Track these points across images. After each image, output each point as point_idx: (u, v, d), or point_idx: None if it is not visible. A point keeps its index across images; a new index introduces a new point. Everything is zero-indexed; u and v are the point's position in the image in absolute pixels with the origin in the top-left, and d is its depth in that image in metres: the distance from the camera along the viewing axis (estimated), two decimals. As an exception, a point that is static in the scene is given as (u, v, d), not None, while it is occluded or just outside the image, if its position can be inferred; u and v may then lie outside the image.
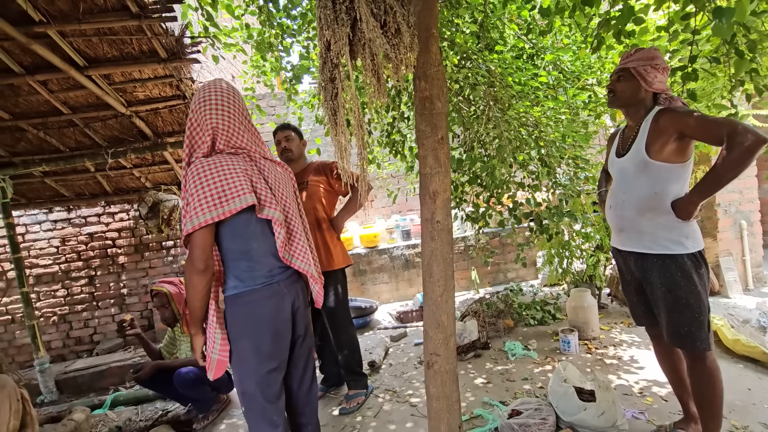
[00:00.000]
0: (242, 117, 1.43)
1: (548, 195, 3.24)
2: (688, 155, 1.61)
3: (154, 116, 3.16)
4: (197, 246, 1.31)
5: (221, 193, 1.31)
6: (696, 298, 1.59)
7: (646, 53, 1.66)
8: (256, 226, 1.39)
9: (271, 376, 1.44)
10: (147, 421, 2.70)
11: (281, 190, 1.47)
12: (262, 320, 1.40)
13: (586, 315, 3.14)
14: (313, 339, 1.65)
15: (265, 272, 1.42)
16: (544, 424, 1.96)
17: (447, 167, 1.48)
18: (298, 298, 1.50)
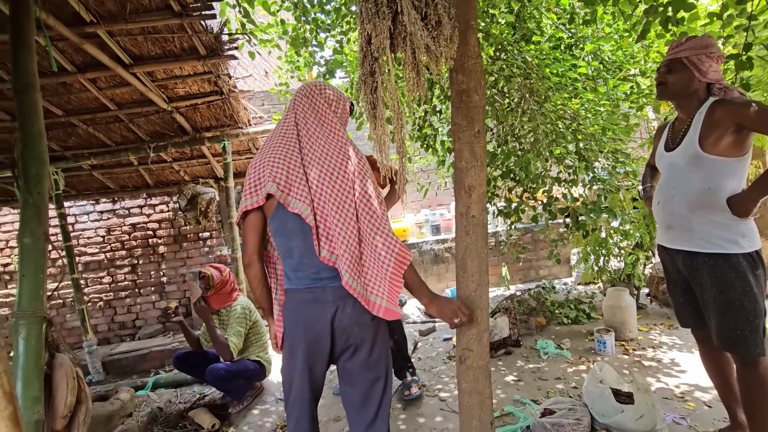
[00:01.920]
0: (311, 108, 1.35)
1: (585, 190, 3.14)
2: (746, 149, 1.52)
3: (193, 112, 3.27)
4: (243, 237, 1.32)
5: (257, 182, 1.27)
6: (751, 300, 1.51)
7: (699, 41, 1.57)
8: (294, 222, 1.26)
9: (298, 383, 1.34)
10: (186, 403, 2.83)
11: (325, 181, 1.25)
12: (298, 324, 1.31)
13: (624, 315, 3.04)
14: (381, 365, 1.37)
15: (310, 273, 1.29)
16: (578, 424, 1.91)
17: (483, 161, 1.46)
18: (344, 310, 1.28)
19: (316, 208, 1.26)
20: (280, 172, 1.24)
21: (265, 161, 1.27)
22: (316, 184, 1.27)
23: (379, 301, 1.27)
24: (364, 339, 1.31)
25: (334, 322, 1.28)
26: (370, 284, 1.28)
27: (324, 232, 1.26)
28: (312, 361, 1.33)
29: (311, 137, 1.31)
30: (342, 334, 1.29)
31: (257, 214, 1.29)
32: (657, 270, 3.85)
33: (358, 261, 1.26)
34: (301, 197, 1.25)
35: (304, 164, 1.29)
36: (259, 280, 1.35)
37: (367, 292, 1.28)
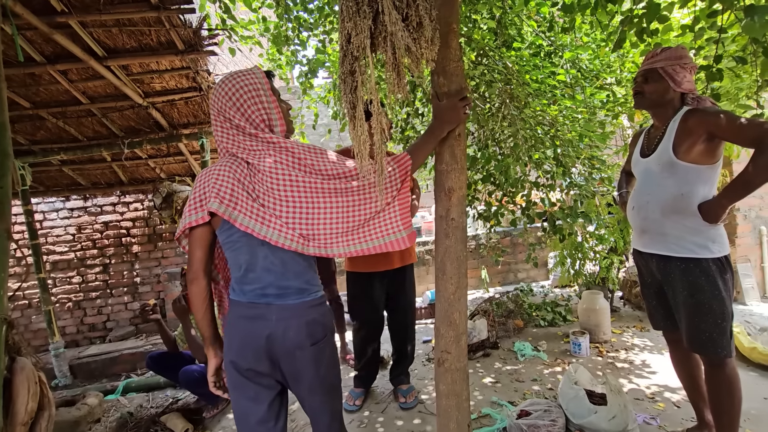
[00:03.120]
0: (218, 115, 1.21)
1: (562, 195, 3.20)
2: (717, 157, 1.58)
3: (170, 108, 3.19)
4: (188, 253, 1.21)
5: (202, 196, 1.17)
6: (720, 303, 1.56)
7: (673, 52, 1.62)
8: (240, 235, 1.17)
9: (241, 403, 1.24)
10: (158, 408, 2.74)
11: (277, 191, 1.15)
12: (235, 338, 1.20)
13: (598, 318, 3.11)
14: (327, 387, 1.27)
15: (255, 288, 1.19)
16: (553, 425, 1.94)
17: (463, 164, 1.46)
18: (286, 334, 1.17)
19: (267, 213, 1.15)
20: (225, 185, 1.15)
21: (210, 174, 1.19)
22: (266, 187, 1.16)
23: (399, 237, 1.25)
24: (307, 364, 1.20)
25: (274, 343, 1.17)
26: (381, 229, 1.24)
27: (281, 225, 1.14)
28: (256, 387, 1.22)
29: (249, 150, 1.19)
30: (285, 358, 1.19)
31: (203, 229, 1.19)
32: (630, 274, 3.96)
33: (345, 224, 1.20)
34: (248, 211, 1.14)
35: (251, 174, 1.18)
36: (203, 299, 1.22)
37: (378, 239, 1.23)
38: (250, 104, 1.19)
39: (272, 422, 1.26)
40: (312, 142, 5.72)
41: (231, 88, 1.19)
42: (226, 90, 1.19)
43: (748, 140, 1.43)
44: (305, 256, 1.23)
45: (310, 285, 1.24)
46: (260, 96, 1.21)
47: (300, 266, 1.22)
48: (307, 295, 1.23)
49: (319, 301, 1.26)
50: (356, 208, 1.20)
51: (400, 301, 2.44)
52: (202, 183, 1.20)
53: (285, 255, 1.19)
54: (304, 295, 1.22)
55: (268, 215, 1.15)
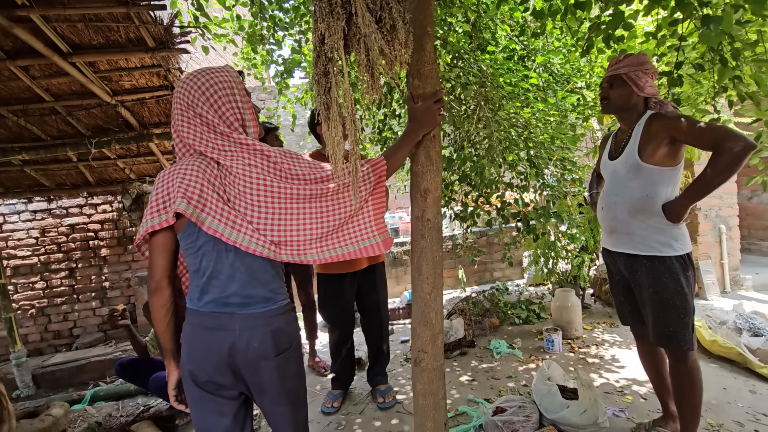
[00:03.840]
0: (188, 109, 1.14)
1: (536, 196, 3.28)
2: (679, 159, 1.65)
3: (140, 106, 3.09)
4: (150, 260, 1.13)
5: (166, 197, 1.10)
6: (682, 299, 1.63)
7: (635, 59, 1.69)
8: (206, 241, 1.11)
9: (203, 416, 1.17)
10: (128, 416, 2.65)
11: (249, 196, 1.11)
12: (195, 350, 1.13)
13: (570, 315, 3.20)
14: (293, 398, 1.22)
15: (217, 296, 1.12)
16: (527, 421, 1.98)
17: (439, 165, 1.48)
18: (251, 344, 1.12)
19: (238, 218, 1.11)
20: (193, 185, 1.08)
21: (175, 173, 1.11)
22: (236, 194, 1.11)
23: (374, 242, 1.25)
24: (272, 376, 1.15)
25: (236, 354, 1.11)
26: (356, 233, 1.24)
27: (252, 231, 1.10)
28: (218, 400, 1.16)
29: (220, 150, 1.13)
30: (248, 370, 1.13)
31: (166, 233, 1.11)
32: (601, 272, 4.09)
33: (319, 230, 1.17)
34: (217, 214, 1.09)
35: (221, 175, 1.13)
36: (166, 311, 1.13)
37: (352, 245, 1.23)
38: (224, 101, 1.15)
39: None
40: (290, 144, 5.66)
41: (205, 83, 1.14)
42: (199, 84, 1.14)
43: (706, 143, 1.50)
44: (273, 264, 1.19)
45: (276, 294, 1.19)
46: (235, 95, 1.18)
47: (267, 275, 1.17)
48: (273, 304, 1.17)
49: (284, 309, 1.20)
50: (330, 213, 1.18)
51: (371, 302, 2.45)
52: (165, 183, 1.11)
53: (253, 263, 1.14)
54: (269, 303, 1.16)
55: (239, 219, 1.10)
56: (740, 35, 1.86)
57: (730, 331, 2.69)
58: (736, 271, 4.05)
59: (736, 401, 2.15)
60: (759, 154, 2.18)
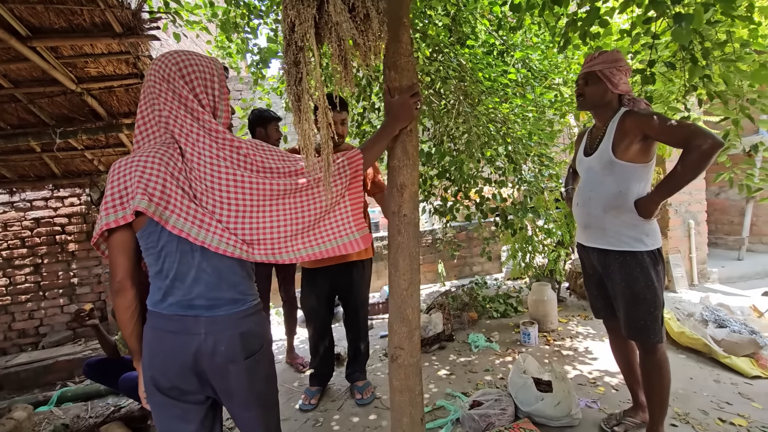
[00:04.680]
0: (162, 82, 1.07)
1: (514, 191, 3.31)
2: (651, 155, 1.68)
3: (108, 95, 2.96)
4: (110, 260, 1.06)
5: (123, 192, 1.01)
6: (652, 293, 1.67)
7: (609, 56, 1.71)
8: (170, 240, 1.04)
9: (167, 423, 1.12)
10: (98, 417, 2.56)
11: (218, 192, 1.05)
12: (157, 355, 1.07)
13: (546, 308, 3.25)
14: (263, 401, 1.18)
15: (181, 299, 1.06)
16: (503, 414, 2.01)
17: (415, 160, 1.46)
18: (217, 347, 1.06)
19: (206, 216, 1.05)
20: (154, 179, 1.00)
21: (134, 164, 1.02)
22: (204, 189, 1.05)
23: (352, 239, 1.22)
24: (241, 379, 1.10)
25: (202, 359, 1.06)
26: (333, 230, 1.20)
27: (222, 230, 1.05)
28: (184, 406, 1.10)
29: (186, 137, 1.06)
30: (216, 374, 1.08)
31: (125, 232, 1.04)
32: (576, 266, 4.18)
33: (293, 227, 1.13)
34: (183, 212, 1.02)
35: (185, 167, 1.06)
36: (131, 313, 1.07)
37: (329, 242, 1.20)
38: (199, 83, 1.10)
39: None
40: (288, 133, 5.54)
41: (183, 61, 1.09)
42: (176, 60, 1.08)
43: (677, 141, 1.54)
44: (243, 266, 1.13)
45: (245, 295, 1.13)
46: (213, 82, 1.13)
47: (236, 276, 1.11)
48: (242, 305, 1.11)
49: (253, 309, 1.15)
50: (305, 208, 1.14)
51: (350, 299, 2.43)
52: (122, 175, 1.02)
53: (221, 264, 1.08)
54: (237, 305, 1.10)
55: (208, 218, 1.04)
56: (710, 35, 1.90)
57: (697, 322, 2.79)
58: (704, 265, 4.20)
59: (702, 390, 2.23)
60: (727, 151, 2.24)
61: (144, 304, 1.11)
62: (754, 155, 2.22)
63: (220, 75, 1.15)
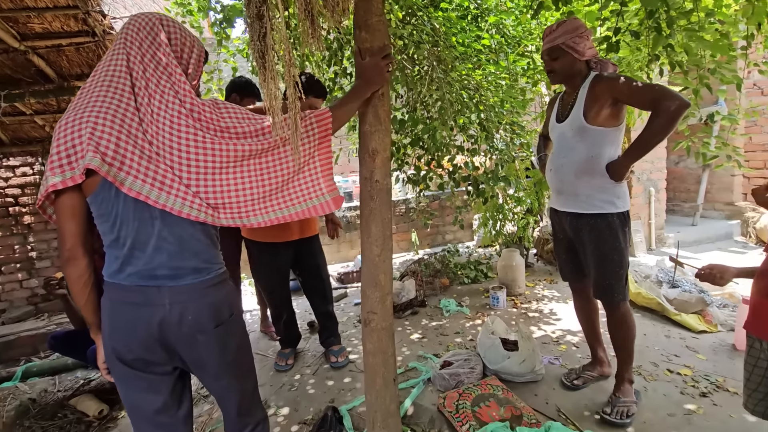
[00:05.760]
0: (139, 31, 1.01)
1: (486, 159, 3.35)
2: (621, 119, 1.72)
3: (57, 54, 2.73)
4: (58, 226, 0.98)
5: (71, 149, 0.92)
6: (619, 253, 1.75)
7: (569, 25, 1.71)
8: (127, 205, 0.97)
9: (133, 395, 1.08)
10: (66, 391, 2.52)
11: (177, 152, 0.99)
12: (118, 327, 1.02)
13: (514, 273, 3.37)
14: (236, 369, 1.16)
15: (142, 268, 1.00)
16: (472, 372, 2.11)
17: (387, 125, 1.44)
18: (183, 317, 1.02)
19: (167, 177, 0.98)
20: (107, 137, 0.92)
21: (83, 119, 0.92)
22: (164, 147, 0.98)
23: (323, 200, 1.19)
24: (211, 349, 1.07)
25: (168, 330, 1.02)
26: (303, 192, 1.17)
27: (184, 192, 1.00)
28: (150, 377, 1.06)
29: (151, 90, 0.98)
30: (184, 345, 1.05)
31: (74, 194, 0.95)
32: (543, 232, 4.32)
33: (261, 189, 1.09)
34: (140, 173, 0.95)
35: (143, 124, 0.97)
36: (84, 282, 1.01)
37: (300, 204, 1.17)
38: (179, 41, 1.06)
39: (174, 409, 1.12)
40: (235, 102, 5.31)
41: (166, 21, 1.05)
42: (162, 17, 1.05)
43: (644, 103, 1.57)
44: (207, 233, 1.09)
45: (210, 263, 1.09)
46: (192, 49, 1.08)
47: (200, 244, 1.06)
48: (207, 274, 1.07)
49: (219, 278, 1.11)
50: (272, 169, 1.10)
51: (311, 267, 2.46)
52: (70, 131, 0.92)
53: (183, 231, 1.03)
54: (202, 274, 1.06)
55: (169, 179, 0.97)
56: (676, 2, 1.92)
57: (653, 283, 2.97)
58: (661, 230, 4.44)
59: (653, 345, 2.40)
60: (686, 120, 2.32)
61: (99, 273, 1.05)
62: (711, 124, 2.32)
63: (200, 48, 1.11)
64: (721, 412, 1.80)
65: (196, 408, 2.16)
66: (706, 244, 4.45)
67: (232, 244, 2.59)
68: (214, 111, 1.02)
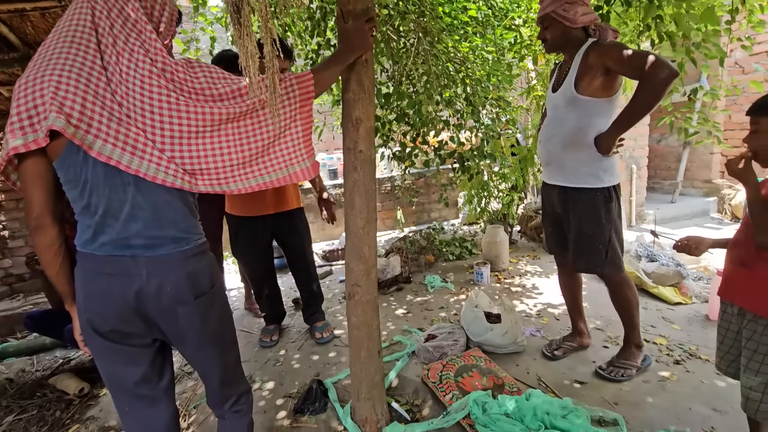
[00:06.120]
0: None
1: (472, 137, 3.32)
2: (614, 90, 1.67)
3: (21, 20, 2.56)
4: (23, 192, 0.93)
5: (32, 110, 0.85)
6: (600, 228, 1.76)
7: None
8: (96, 170, 0.91)
9: (111, 367, 1.06)
10: (45, 370, 2.47)
11: (150, 114, 0.93)
12: (92, 297, 0.99)
13: (498, 249, 3.41)
14: (219, 341, 1.13)
15: (116, 237, 0.95)
16: (455, 344, 2.14)
17: (371, 93, 1.40)
18: (162, 288, 0.99)
19: (139, 141, 0.93)
20: (72, 96, 0.85)
21: (45, 77, 0.85)
22: (135, 110, 0.92)
23: (304, 166, 1.16)
24: (192, 321, 1.04)
25: (146, 301, 0.98)
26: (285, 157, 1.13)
27: (158, 157, 0.95)
28: (129, 349, 1.04)
29: (119, 47, 0.92)
30: (163, 317, 1.01)
31: (39, 159, 0.89)
32: (527, 209, 4.37)
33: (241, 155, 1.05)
34: (110, 136, 0.89)
35: (111, 84, 0.90)
36: (55, 252, 0.97)
37: (281, 170, 1.13)
38: (153, 3, 0.99)
39: (155, 380, 1.10)
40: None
41: None
42: None
43: (633, 71, 1.52)
44: (185, 201, 1.04)
45: (189, 233, 1.04)
46: (165, 7, 1.01)
47: (177, 213, 1.01)
48: (186, 244, 1.03)
49: (200, 248, 1.07)
50: (252, 134, 1.05)
51: (294, 243, 2.42)
52: (30, 89, 0.85)
53: (158, 199, 0.98)
54: (180, 244, 1.02)
55: (141, 143, 0.92)
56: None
57: (632, 258, 3.04)
58: (642, 207, 4.52)
59: (631, 316, 2.47)
60: (670, 96, 2.33)
61: (71, 243, 1.01)
62: (694, 99, 2.33)
63: (173, 6, 1.03)
64: (693, 378, 1.87)
65: (180, 384, 2.15)
66: (683, 220, 4.57)
67: (213, 219, 2.53)
68: (188, 71, 0.96)
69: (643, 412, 1.68)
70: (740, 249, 1.25)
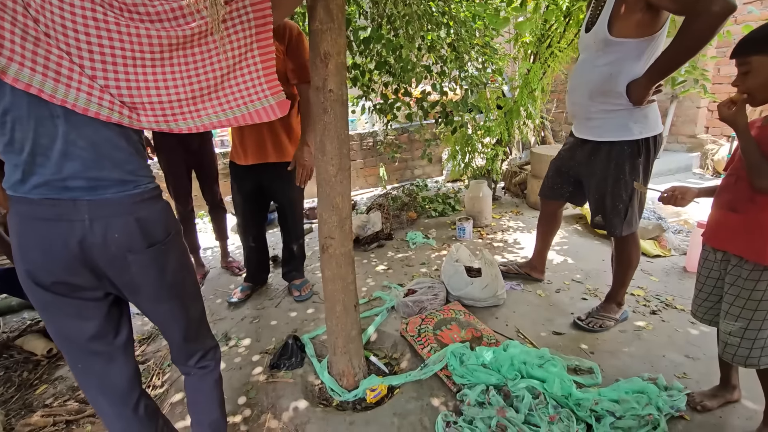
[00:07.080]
0: None
1: (456, 87, 3.17)
2: (655, 28, 1.44)
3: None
4: None
5: None
6: (623, 186, 1.65)
7: None
8: (17, 100, 0.80)
9: (60, 322, 0.98)
10: (12, 332, 2.38)
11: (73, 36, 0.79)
12: (30, 246, 0.89)
13: (481, 205, 3.35)
14: (178, 291, 1.05)
15: (50, 178, 0.85)
16: (435, 299, 2.11)
17: (341, 23, 1.25)
18: (109, 234, 0.90)
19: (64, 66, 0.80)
20: None
21: None
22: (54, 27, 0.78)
23: (266, 104, 1.02)
24: (145, 270, 0.96)
25: (91, 249, 0.89)
26: (243, 93, 1.00)
27: (89, 86, 0.83)
28: (77, 303, 0.95)
29: None
30: (113, 266, 0.93)
31: None
32: (512, 165, 4.29)
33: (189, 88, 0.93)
34: (27, 60, 0.77)
35: (25, 3, 0.76)
36: None
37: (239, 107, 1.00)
38: None
39: (110, 336, 1.02)
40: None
41: None
42: None
43: (680, 4, 1.29)
44: (129, 139, 0.92)
45: (137, 176, 0.94)
46: None
47: (120, 152, 0.91)
48: (133, 187, 0.93)
49: (151, 194, 0.97)
50: (201, 64, 0.92)
51: (283, 199, 2.30)
52: None
53: (95, 134, 0.86)
54: (128, 186, 0.92)
55: (65, 68, 0.79)
56: None
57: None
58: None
59: (610, 269, 2.47)
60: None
61: None
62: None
63: None
64: (668, 327, 1.90)
65: (154, 343, 2.09)
66: (666, 176, 4.57)
67: (178, 175, 2.39)
68: None
69: (618, 360, 1.70)
70: (729, 193, 1.20)
